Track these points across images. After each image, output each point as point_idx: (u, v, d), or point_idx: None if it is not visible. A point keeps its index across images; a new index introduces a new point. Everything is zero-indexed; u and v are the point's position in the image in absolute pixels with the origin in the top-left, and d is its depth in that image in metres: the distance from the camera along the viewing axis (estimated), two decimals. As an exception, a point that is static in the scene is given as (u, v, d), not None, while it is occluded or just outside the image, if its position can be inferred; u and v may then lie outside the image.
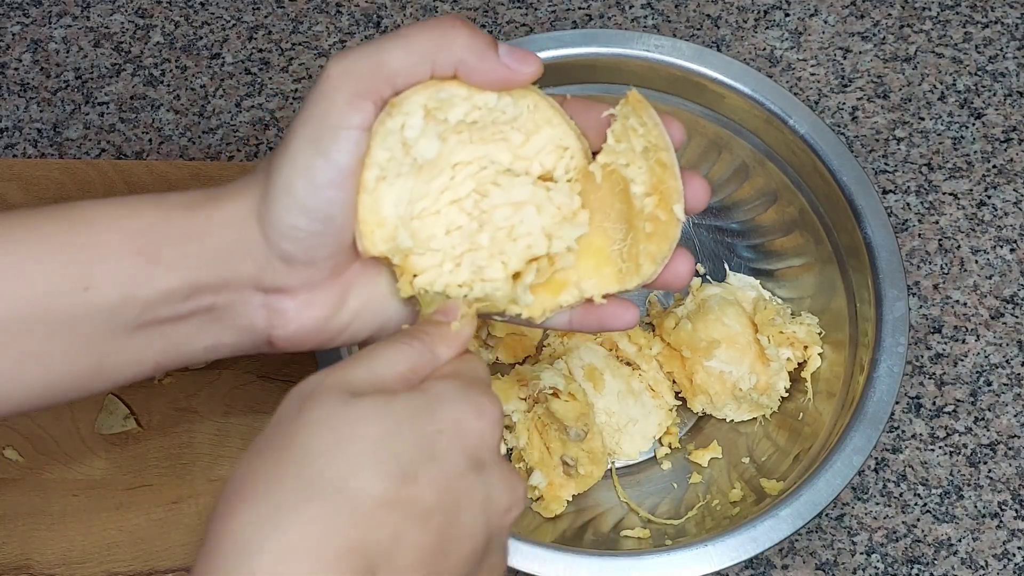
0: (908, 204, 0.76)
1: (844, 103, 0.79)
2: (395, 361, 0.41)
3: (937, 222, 0.76)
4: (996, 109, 0.79)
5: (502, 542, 0.41)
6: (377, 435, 0.38)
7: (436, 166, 0.46)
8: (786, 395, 0.66)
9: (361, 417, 0.38)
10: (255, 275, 0.44)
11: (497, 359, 0.69)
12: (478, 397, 0.41)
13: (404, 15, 0.82)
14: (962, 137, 0.78)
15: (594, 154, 0.48)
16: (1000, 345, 0.72)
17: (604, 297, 0.48)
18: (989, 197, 0.76)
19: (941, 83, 0.80)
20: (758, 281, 0.69)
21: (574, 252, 0.48)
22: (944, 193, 0.76)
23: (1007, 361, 0.71)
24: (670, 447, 0.67)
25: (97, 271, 0.41)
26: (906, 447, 0.69)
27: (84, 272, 0.41)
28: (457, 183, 0.46)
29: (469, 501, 0.39)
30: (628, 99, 0.46)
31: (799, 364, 0.67)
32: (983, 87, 0.80)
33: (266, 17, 0.82)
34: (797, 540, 0.67)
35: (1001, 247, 0.75)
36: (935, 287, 0.74)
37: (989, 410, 0.70)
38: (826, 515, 0.67)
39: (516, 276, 0.48)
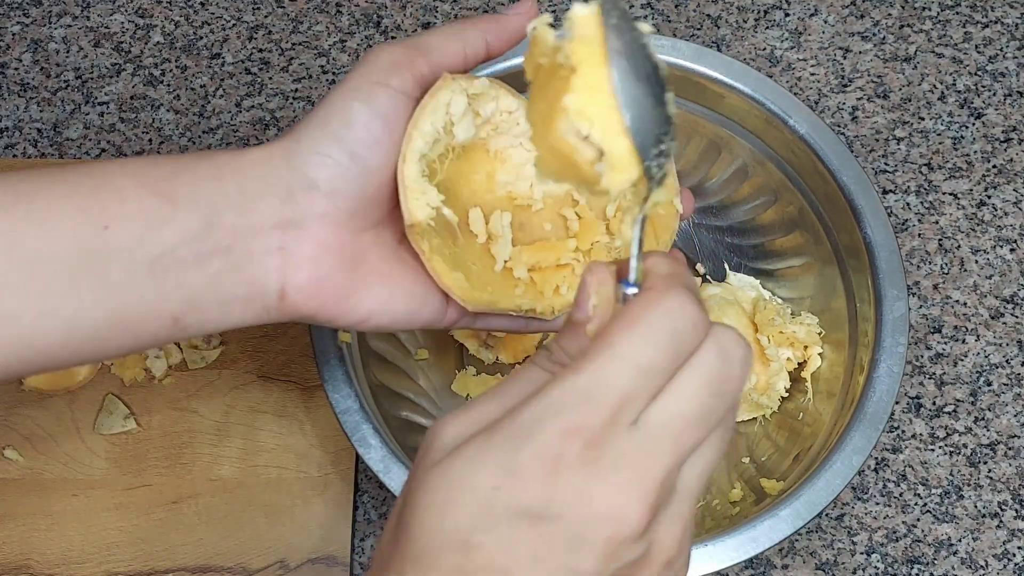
0: (908, 204, 0.76)
1: (844, 103, 0.79)
2: (524, 387, 0.39)
3: (937, 222, 0.76)
4: (996, 109, 0.79)
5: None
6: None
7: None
8: (786, 395, 0.66)
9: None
10: (276, 210, 0.45)
11: (497, 359, 0.69)
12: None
13: (404, 15, 0.82)
14: (962, 137, 0.78)
15: None
16: (1000, 345, 0.72)
17: None
18: (989, 197, 0.76)
19: (941, 83, 0.80)
20: (758, 281, 0.69)
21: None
22: (944, 193, 0.76)
23: (1007, 361, 0.71)
24: (670, 447, 0.67)
25: (114, 212, 0.43)
26: (906, 447, 0.69)
27: (102, 213, 0.43)
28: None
29: (547, 550, 0.34)
30: None
31: (799, 364, 0.67)
32: (983, 87, 0.80)
33: (266, 17, 0.82)
34: (797, 540, 0.67)
35: (1001, 247, 0.75)
36: (935, 287, 0.74)
37: (989, 410, 0.70)
38: (826, 515, 0.67)
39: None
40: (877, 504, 0.67)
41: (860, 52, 0.81)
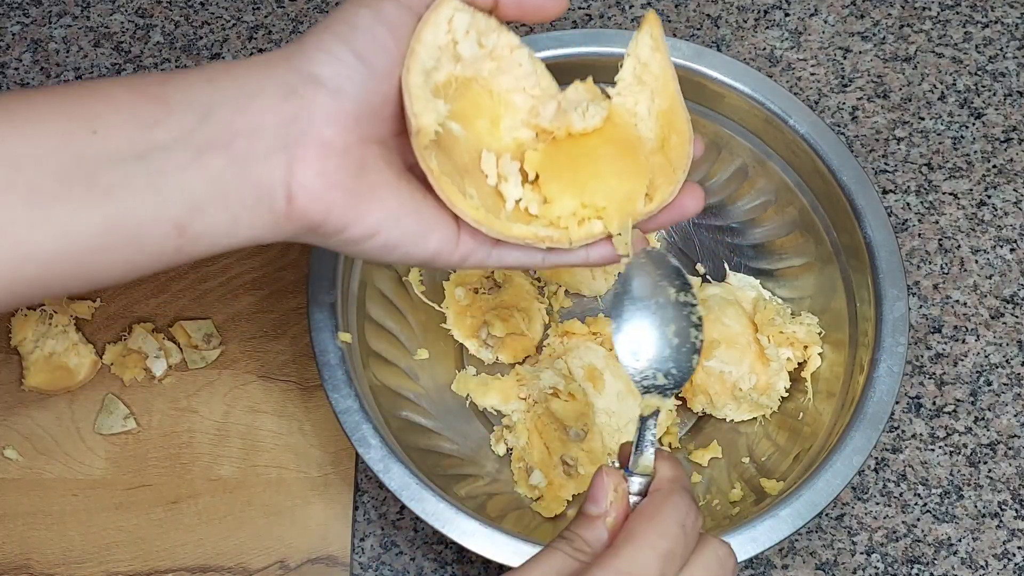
0: (908, 204, 0.76)
1: (844, 103, 0.79)
2: (548, 570, 0.41)
3: (937, 222, 0.76)
4: (996, 109, 0.79)
5: None
6: None
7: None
8: (786, 395, 0.66)
9: None
10: (277, 106, 0.43)
11: (497, 359, 0.69)
12: None
13: (404, 15, 0.82)
14: (962, 137, 0.78)
15: None
16: (1000, 345, 0.72)
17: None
18: (989, 197, 0.76)
19: (941, 83, 0.80)
20: (758, 281, 0.69)
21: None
22: (944, 193, 0.76)
23: (1007, 361, 0.71)
24: (670, 447, 0.67)
25: (103, 115, 0.41)
26: (906, 447, 0.69)
27: (90, 117, 0.41)
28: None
29: None
30: (648, 19, 0.50)
31: (799, 364, 0.67)
32: (983, 87, 0.80)
33: (266, 17, 0.82)
34: (797, 540, 0.67)
35: (1001, 247, 0.75)
36: (935, 287, 0.74)
37: (989, 410, 0.70)
38: (826, 515, 0.67)
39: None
40: (877, 504, 0.67)
41: (860, 52, 0.81)
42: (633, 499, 0.44)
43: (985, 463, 0.69)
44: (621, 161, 0.50)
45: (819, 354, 0.66)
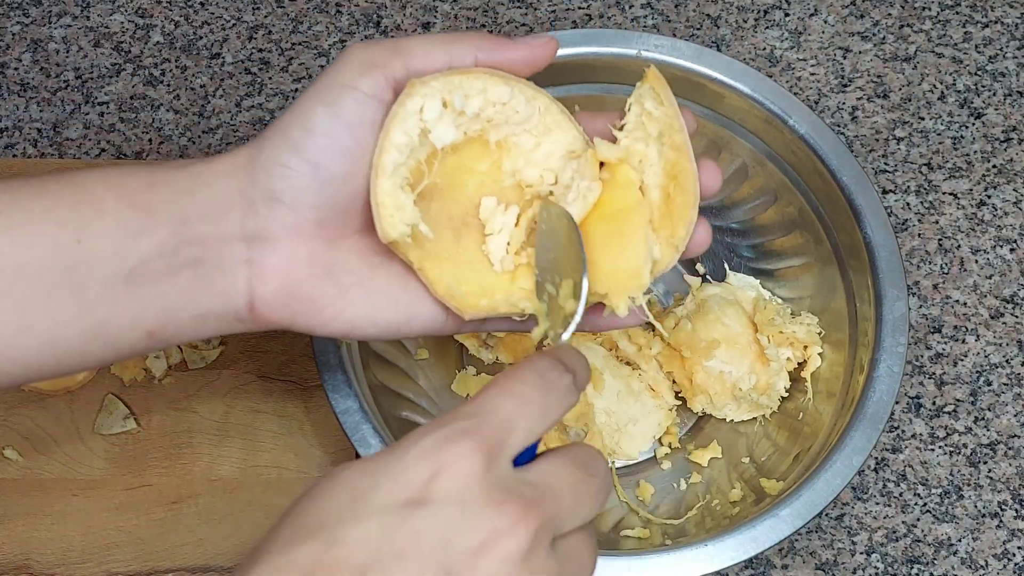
0: (908, 204, 0.76)
1: (844, 103, 0.79)
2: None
3: (937, 222, 0.76)
4: (996, 109, 0.79)
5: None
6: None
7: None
8: (786, 395, 0.66)
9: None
10: (240, 223, 0.44)
11: (497, 359, 0.69)
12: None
13: (404, 15, 0.82)
14: (962, 137, 0.78)
15: (601, 164, 0.49)
16: (1000, 345, 0.72)
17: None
18: (989, 197, 0.76)
19: (941, 83, 0.80)
20: (758, 281, 0.69)
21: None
22: (944, 193, 0.76)
23: (1007, 361, 0.71)
24: (670, 447, 0.67)
25: (90, 224, 0.43)
26: (906, 447, 0.69)
27: (77, 225, 0.43)
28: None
29: (414, 548, 0.35)
30: (648, 76, 0.48)
31: (799, 364, 0.67)
32: (983, 87, 0.80)
33: (266, 17, 0.82)
34: (797, 540, 0.67)
35: (1001, 247, 0.75)
36: (935, 287, 0.74)
37: (989, 410, 0.70)
38: (826, 515, 0.67)
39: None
40: (877, 504, 0.67)
41: (860, 52, 0.81)
42: None
43: (985, 463, 0.69)
44: (619, 238, 0.48)
45: (819, 354, 0.66)
